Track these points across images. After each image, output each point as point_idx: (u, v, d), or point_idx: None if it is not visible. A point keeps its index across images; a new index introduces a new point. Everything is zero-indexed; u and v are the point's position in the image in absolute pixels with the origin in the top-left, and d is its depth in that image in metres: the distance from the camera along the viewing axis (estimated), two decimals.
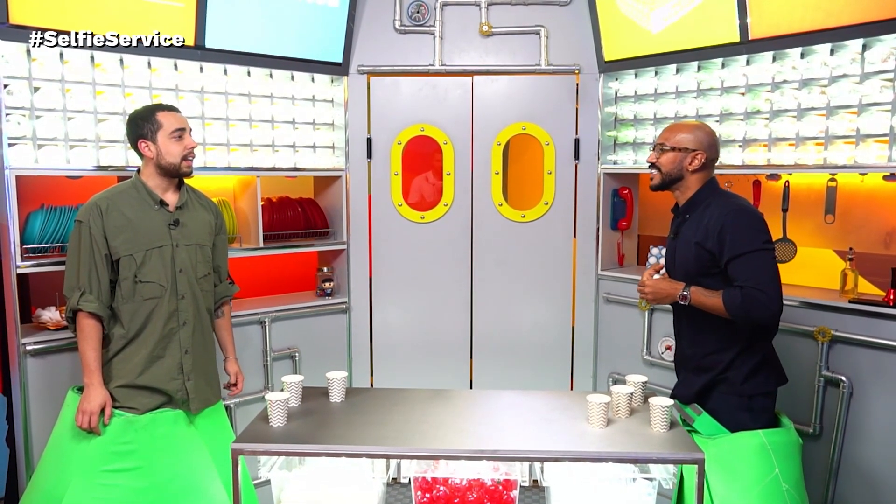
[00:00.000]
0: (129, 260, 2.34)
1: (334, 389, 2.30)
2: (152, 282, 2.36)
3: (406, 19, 3.57)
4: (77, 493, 2.22)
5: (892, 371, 2.58)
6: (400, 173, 3.66)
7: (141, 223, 2.37)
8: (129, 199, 2.39)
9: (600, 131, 3.57)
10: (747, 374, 2.23)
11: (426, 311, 3.73)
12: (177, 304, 2.40)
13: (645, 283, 2.36)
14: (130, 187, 2.42)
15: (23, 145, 2.70)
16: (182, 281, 2.42)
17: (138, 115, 2.42)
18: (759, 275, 2.12)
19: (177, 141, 2.40)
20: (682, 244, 2.32)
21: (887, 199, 2.87)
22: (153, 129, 2.38)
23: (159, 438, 2.33)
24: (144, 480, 2.28)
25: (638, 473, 2.10)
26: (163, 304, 2.38)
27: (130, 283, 2.34)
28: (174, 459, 2.34)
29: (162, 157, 2.39)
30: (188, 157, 2.43)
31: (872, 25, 2.57)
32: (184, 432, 2.39)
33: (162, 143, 2.38)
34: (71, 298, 2.30)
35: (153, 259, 2.37)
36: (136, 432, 2.30)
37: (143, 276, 2.35)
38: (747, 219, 2.19)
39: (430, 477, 2.20)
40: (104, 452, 2.26)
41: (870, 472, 2.65)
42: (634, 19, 3.34)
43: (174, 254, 2.41)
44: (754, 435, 2.19)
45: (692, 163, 2.29)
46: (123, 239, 2.33)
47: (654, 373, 3.28)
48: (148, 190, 2.41)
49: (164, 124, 2.39)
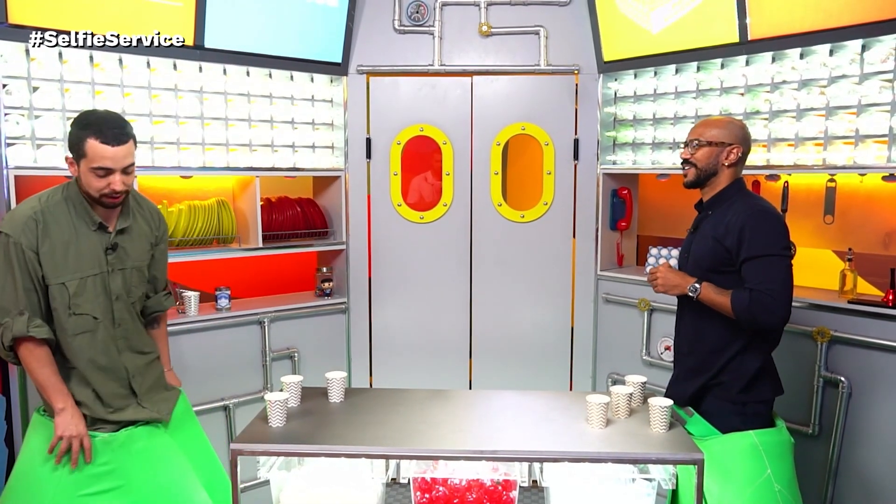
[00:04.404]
0: (61, 289, 2.08)
1: (333, 390, 2.30)
2: (85, 314, 2.11)
3: (405, 19, 3.57)
4: None
5: (891, 372, 2.58)
6: (399, 173, 3.66)
7: (77, 246, 2.10)
8: (63, 215, 2.10)
9: (599, 131, 3.57)
10: (744, 386, 2.23)
11: (425, 311, 3.73)
12: (115, 333, 2.19)
13: (657, 269, 2.35)
14: (64, 200, 2.12)
15: (22, 145, 2.69)
16: (119, 308, 2.20)
17: (73, 127, 2.08)
18: (771, 279, 2.12)
19: (97, 178, 2.05)
20: (700, 238, 2.32)
21: (886, 199, 2.87)
22: (78, 153, 2.06)
23: (137, 454, 2.18)
24: (126, 499, 2.14)
25: (637, 474, 2.09)
26: (98, 336, 2.15)
27: (62, 314, 2.09)
28: (155, 472, 2.20)
29: (81, 184, 2.10)
30: (111, 195, 2.09)
31: (872, 26, 2.57)
32: (161, 443, 2.26)
33: (83, 172, 2.06)
34: (13, 324, 2.03)
35: (87, 288, 2.12)
36: (113, 452, 2.14)
37: (75, 307, 2.10)
38: (770, 222, 2.19)
39: (430, 477, 2.19)
40: (81, 477, 2.09)
41: (869, 472, 2.65)
42: (634, 19, 3.34)
43: (109, 280, 2.16)
44: (746, 436, 2.19)
45: (728, 157, 2.28)
46: (56, 264, 2.07)
47: (654, 373, 3.27)
48: (86, 208, 2.12)
49: (88, 156, 2.04)
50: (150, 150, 3.01)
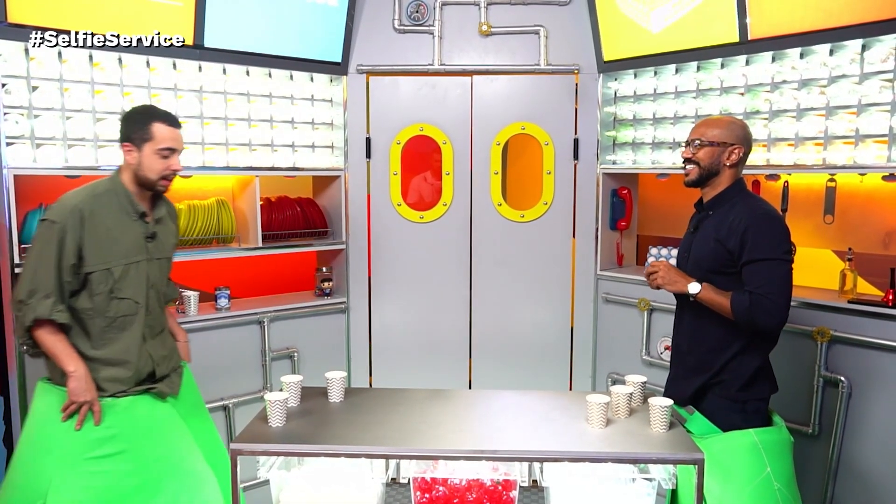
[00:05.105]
0: (106, 274, 2.21)
1: (333, 389, 2.30)
2: (128, 298, 2.25)
3: (405, 19, 3.57)
4: (62, 484, 2.14)
5: (891, 371, 2.58)
6: (399, 173, 3.66)
7: (121, 234, 2.24)
8: (110, 205, 2.24)
9: (599, 131, 3.57)
10: (743, 384, 2.23)
11: (425, 310, 3.72)
12: (146, 320, 2.32)
13: (658, 264, 2.34)
14: (110, 192, 2.26)
15: (21, 144, 2.69)
16: (152, 297, 2.34)
17: (135, 115, 2.29)
18: (771, 283, 2.13)
19: (161, 159, 2.26)
20: (701, 239, 2.32)
21: (886, 199, 2.87)
22: (142, 137, 2.24)
23: (140, 419, 2.26)
24: (130, 463, 2.21)
25: (637, 474, 2.09)
26: (137, 321, 2.28)
27: (105, 298, 2.21)
28: (157, 440, 2.27)
29: (141, 168, 2.26)
30: (168, 177, 2.29)
31: (872, 25, 2.57)
32: (164, 413, 2.33)
33: (146, 155, 2.24)
34: (38, 306, 2.13)
35: (130, 274, 2.25)
36: (116, 415, 2.22)
37: (119, 291, 2.23)
38: (773, 226, 2.19)
39: (430, 477, 2.19)
40: (86, 440, 2.17)
41: (869, 472, 2.64)
42: (634, 19, 3.34)
43: (148, 269, 2.31)
44: (745, 434, 2.19)
45: (730, 157, 2.27)
46: (101, 250, 2.19)
47: (654, 373, 3.27)
48: (129, 198, 2.28)
49: (155, 138, 2.24)
50: None
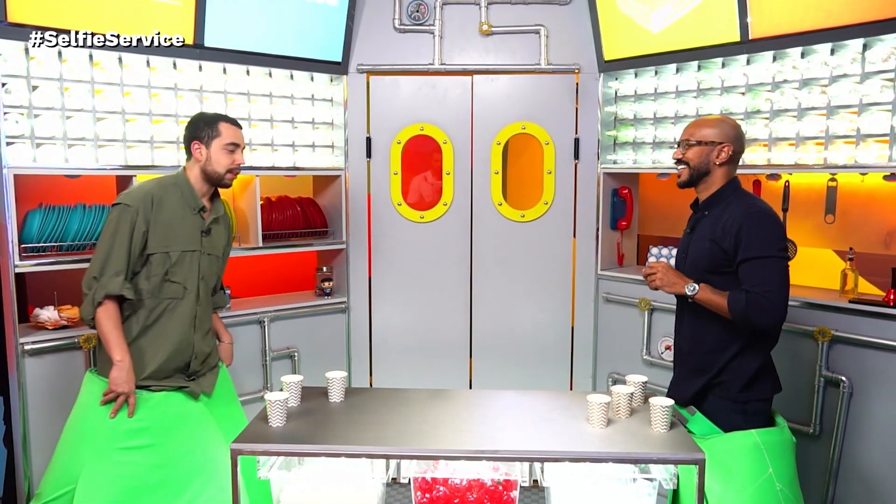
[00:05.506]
0: (164, 257, 2.37)
1: (333, 389, 2.29)
2: (178, 282, 2.40)
3: (406, 18, 3.57)
4: (92, 471, 2.25)
5: (892, 371, 2.58)
6: (399, 173, 3.66)
7: (180, 223, 2.42)
8: (175, 196, 2.43)
9: (600, 131, 3.57)
10: (744, 385, 2.23)
11: (425, 310, 3.72)
12: (196, 310, 2.45)
13: (657, 265, 2.33)
14: (175, 185, 2.45)
15: (21, 144, 2.69)
16: (203, 288, 2.48)
17: (202, 118, 2.49)
18: (768, 281, 2.12)
19: (228, 154, 2.47)
20: (697, 239, 2.31)
21: (887, 198, 2.87)
22: (211, 135, 2.45)
23: (172, 417, 2.37)
24: (157, 457, 2.31)
25: (638, 474, 2.09)
26: (185, 307, 2.42)
27: (160, 279, 2.37)
28: (186, 437, 2.38)
29: (209, 163, 2.45)
30: (234, 170, 2.49)
31: (872, 25, 2.57)
32: (196, 411, 2.43)
33: (214, 151, 2.45)
34: (109, 283, 2.27)
35: (185, 261, 2.41)
36: (149, 410, 2.33)
37: (172, 275, 2.39)
38: (767, 223, 2.18)
39: (430, 477, 2.19)
40: (118, 431, 2.28)
41: (870, 472, 2.64)
42: (634, 19, 3.34)
43: (200, 260, 2.46)
44: (748, 434, 2.18)
45: (719, 156, 2.27)
46: (164, 234, 2.37)
47: (654, 373, 3.27)
48: (192, 192, 2.46)
49: (222, 134, 2.46)
50: (149, 150, 3.01)
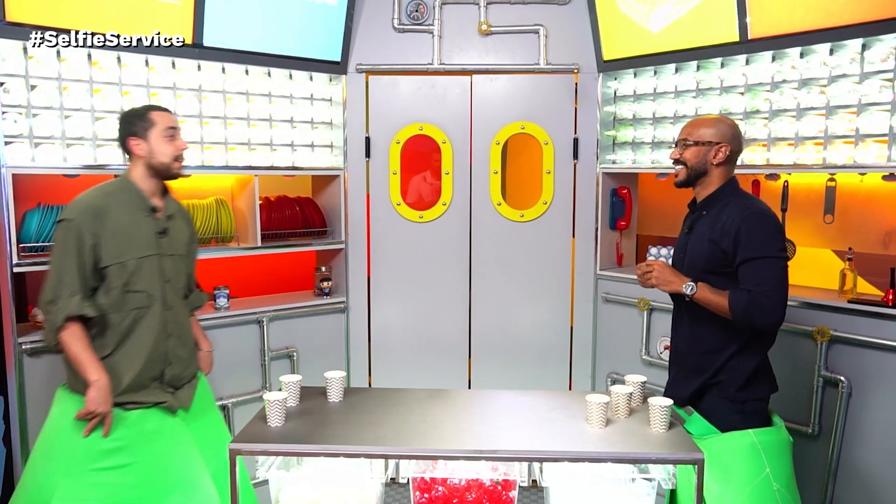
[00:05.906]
0: (120, 268, 2.26)
1: (332, 389, 2.29)
2: (141, 291, 2.30)
3: (405, 18, 3.57)
4: (66, 493, 2.15)
5: (891, 371, 2.58)
6: (398, 172, 3.66)
7: (133, 229, 2.30)
8: (121, 202, 2.31)
9: (599, 131, 3.57)
10: (742, 385, 2.23)
11: (424, 310, 3.72)
12: (166, 316, 2.35)
13: (653, 263, 2.32)
14: (120, 189, 2.34)
15: (20, 143, 2.68)
16: (170, 291, 2.38)
17: (131, 112, 2.39)
18: (767, 281, 2.12)
19: (168, 141, 2.35)
20: (695, 240, 2.31)
21: (886, 199, 2.87)
22: (145, 126, 2.33)
23: (149, 434, 2.28)
24: (133, 476, 2.22)
25: (637, 473, 2.09)
26: (153, 316, 2.32)
27: (119, 292, 2.26)
28: (163, 455, 2.29)
29: (154, 156, 2.34)
30: (179, 158, 2.39)
31: (872, 25, 2.57)
32: (173, 428, 2.34)
33: (154, 141, 2.33)
34: (67, 304, 2.17)
35: (144, 268, 2.30)
36: (125, 428, 2.25)
37: (132, 285, 2.28)
38: (766, 224, 2.18)
39: (429, 477, 2.19)
40: (93, 451, 2.20)
41: (869, 472, 2.64)
42: (634, 18, 3.34)
43: (161, 263, 2.35)
44: (745, 434, 2.18)
45: (717, 156, 2.27)
46: (115, 244, 2.25)
47: (653, 373, 3.27)
48: (140, 194, 2.35)
49: (157, 122, 2.34)
50: None
